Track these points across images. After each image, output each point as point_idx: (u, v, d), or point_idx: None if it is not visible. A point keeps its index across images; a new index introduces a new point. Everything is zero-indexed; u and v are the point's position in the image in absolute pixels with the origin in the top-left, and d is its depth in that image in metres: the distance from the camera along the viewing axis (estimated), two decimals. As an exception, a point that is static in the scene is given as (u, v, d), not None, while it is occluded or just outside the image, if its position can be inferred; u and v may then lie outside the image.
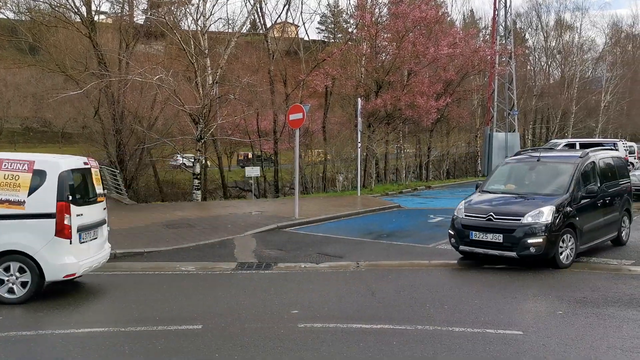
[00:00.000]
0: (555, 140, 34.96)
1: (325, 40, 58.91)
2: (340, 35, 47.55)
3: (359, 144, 23.23)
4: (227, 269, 10.22)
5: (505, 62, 35.42)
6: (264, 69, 31.55)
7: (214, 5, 54.99)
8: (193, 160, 23.66)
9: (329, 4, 54.26)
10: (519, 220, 9.46)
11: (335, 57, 29.27)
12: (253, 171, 23.17)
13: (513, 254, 9.43)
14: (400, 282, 8.90)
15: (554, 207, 9.48)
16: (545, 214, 9.40)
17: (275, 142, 30.85)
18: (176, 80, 22.94)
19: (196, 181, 22.97)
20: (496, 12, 35.92)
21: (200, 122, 21.96)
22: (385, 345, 5.98)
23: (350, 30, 40.58)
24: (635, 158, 33.41)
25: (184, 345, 6.01)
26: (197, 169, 22.89)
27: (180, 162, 32.39)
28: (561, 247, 9.53)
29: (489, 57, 32.26)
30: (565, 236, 9.57)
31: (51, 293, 8.31)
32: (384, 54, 30.83)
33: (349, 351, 5.80)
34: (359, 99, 24.06)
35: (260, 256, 11.16)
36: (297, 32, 41.98)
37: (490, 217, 9.75)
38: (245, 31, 32.26)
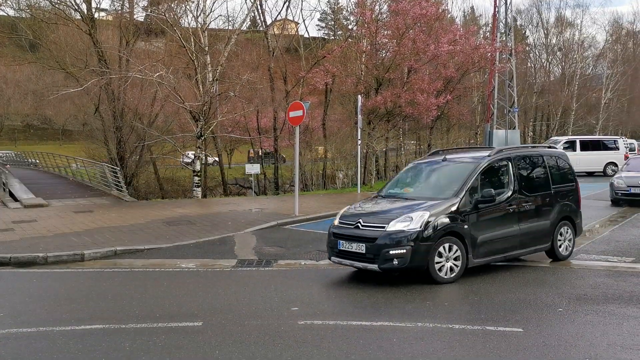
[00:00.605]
0: (556, 138, 35.00)
1: (326, 37, 58.93)
2: (340, 32, 47.50)
3: (359, 141, 23.23)
4: (228, 266, 10.24)
5: (506, 59, 35.38)
6: (264, 66, 31.53)
7: (214, 2, 54.87)
8: (193, 156, 23.64)
9: (329, 1, 54.22)
10: (383, 227, 8.34)
11: (336, 54, 29.25)
12: (253, 168, 23.18)
13: (375, 266, 8.28)
14: (398, 280, 8.89)
15: (427, 213, 8.33)
16: (415, 220, 8.26)
17: (276, 140, 30.85)
18: (176, 77, 22.94)
19: (196, 178, 22.97)
20: (496, 9, 35.90)
21: (200, 119, 21.96)
22: (386, 342, 5.98)
23: (350, 27, 40.59)
24: (635, 154, 33.43)
25: (184, 342, 6.01)
26: (198, 166, 22.89)
27: (191, 159, 32.44)
28: (439, 259, 8.33)
29: (489, 54, 32.21)
30: (444, 247, 8.36)
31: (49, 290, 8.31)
32: (384, 51, 30.82)
33: (349, 348, 5.80)
34: (359, 96, 24.04)
35: (261, 253, 11.17)
36: (297, 29, 41.94)
37: (358, 224, 8.65)
38: (245, 28, 32.20)
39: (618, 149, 29.53)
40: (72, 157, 32.42)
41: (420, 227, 8.21)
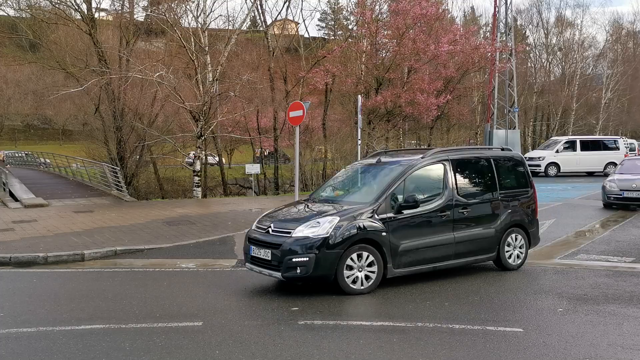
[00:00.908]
0: (556, 138, 35.00)
1: (326, 37, 58.99)
2: (340, 32, 47.55)
3: (359, 141, 23.21)
4: (228, 265, 10.24)
5: (506, 59, 35.38)
6: (264, 66, 31.53)
7: (214, 2, 55.24)
8: (193, 156, 23.65)
9: (329, 1, 54.22)
10: (290, 233, 7.85)
11: (336, 54, 29.24)
12: (253, 168, 23.17)
13: (279, 274, 7.80)
14: (398, 280, 8.89)
15: (337, 219, 7.78)
16: (322, 226, 7.71)
17: (276, 140, 30.85)
18: (176, 77, 22.96)
19: (196, 178, 22.98)
20: (497, 9, 35.90)
21: (200, 119, 21.95)
22: (386, 342, 5.98)
23: (350, 27, 40.62)
24: (636, 155, 33.43)
25: (184, 342, 6.01)
26: (198, 166, 22.89)
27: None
28: (350, 268, 7.78)
29: (489, 54, 32.19)
30: (355, 255, 7.78)
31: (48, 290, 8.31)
32: (384, 51, 30.80)
33: (349, 348, 5.80)
34: (359, 96, 23.99)
35: (261, 253, 11.15)
36: (297, 29, 41.95)
37: (269, 229, 8.19)
38: (245, 28, 32.23)
39: (618, 149, 29.52)
40: (72, 157, 32.43)
41: (327, 234, 7.63)
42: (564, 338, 6.07)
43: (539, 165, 29.63)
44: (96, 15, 28.57)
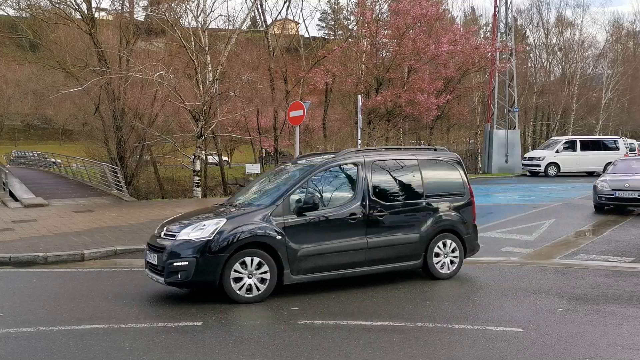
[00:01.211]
0: (556, 138, 35.01)
1: (326, 37, 59.02)
2: (340, 32, 47.58)
3: (359, 141, 23.24)
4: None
5: (506, 59, 35.39)
6: (264, 66, 31.54)
7: (214, 2, 55.37)
8: (192, 157, 23.64)
9: (329, 1, 54.23)
10: (174, 236, 7.54)
11: (336, 54, 29.28)
12: (253, 168, 23.17)
13: (162, 279, 7.47)
14: (398, 279, 8.89)
15: (223, 221, 7.42)
16: (207, 229, 7.37)
17: (276, 139, 30.85)
18: (176, 77, 22.95)
19: (196, 178, 22.97)
20: (497, 9, 35.90)
21: (200, 119, 21.95)
22: (386, 342, 5.99)
23: (350, 27, 40.64)
24: (636, 155, 33.44)
25: (184, 342, 6.01)
26: (198, 166, 22.89)
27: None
28: (238, 273, 7.33)
29: (489, 54, 32.24)
30: (247, 259, 7.35)
31: (49, 290, 8.30)
32: (384, 51, 30.85)
33: (349, 347, 5.80)
34: (359, 96, 24.06)
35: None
36: (297, 29, 41.98)
37: (161, 232, 7.90)
38: (245, 28, 32.21)
39: (618, 149, 29.53)
40: (72, 157, 32.43)
41: (210, 237, 7.25)
42: (564, 338, 6.07)
43: (539, 165, 29.65)
44: (96, 15, 28.57)
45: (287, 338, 6.11)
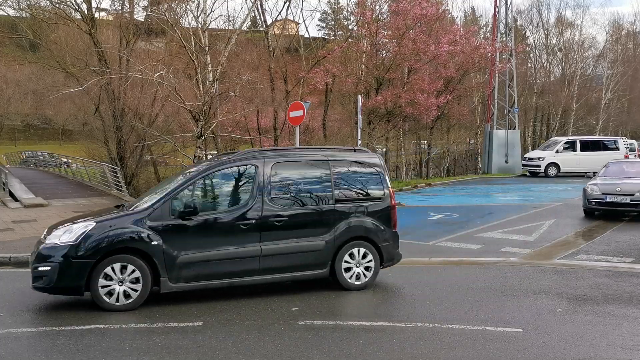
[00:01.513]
0: (556, 138, 35.01)
1: (326, 37, 59.01)
2: (340, 32, 47.57)
3: (359, 141, 23.24)
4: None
5: (506, 60, 35.39)
6: (264, 66, 31.52)
7: (214, 2, 55.31)
8: (194, 157, 23.64)
9: (329, 1, 54.21)
10: (46, 239, 7.29)
11: (336, 54, 29.26)
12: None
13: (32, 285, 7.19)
14: (399, 280, 8.90)
15: (93, 224, 7.10)
16: (74, 232, 7.02)
17: (276, 140, 30.83)
18: (176, 77, 22.93)
19: (197, 178, 22.93)
20: (497, 10, 35.89)
21: (200, 119, 21.95)
22: (386, 342, 5.99)
23: (350, 27, 40.65)
24: (635, 155, 33.46)
25: (184, 342, 6.02)
26: (198, 166, 22.86)
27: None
28: (106, 280, 7.00)
29: (489, 54, 32.22)
30: (118, 265, 7.02)
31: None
32: (384, 51, 30.85)
33: (349, 348, 5.81)
34: (359, 96, 24.05)
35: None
36: (297, 29, 41.96)
37: (47, 235, 7.58)
38: (245, 28, 32.18)
39: (618, 150, 29.52)
40: (72, 157, 32.42)
41: (76, 241, 6.92)
42: (564, 338, 6.08)
43: (539, 166, 29.64)
44: (96, 15, 28.57)
45: (288, 338, 6.11)
